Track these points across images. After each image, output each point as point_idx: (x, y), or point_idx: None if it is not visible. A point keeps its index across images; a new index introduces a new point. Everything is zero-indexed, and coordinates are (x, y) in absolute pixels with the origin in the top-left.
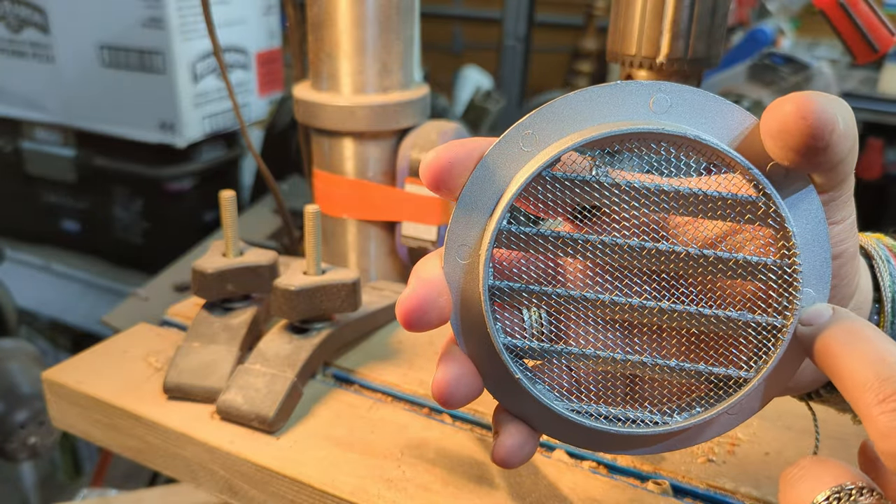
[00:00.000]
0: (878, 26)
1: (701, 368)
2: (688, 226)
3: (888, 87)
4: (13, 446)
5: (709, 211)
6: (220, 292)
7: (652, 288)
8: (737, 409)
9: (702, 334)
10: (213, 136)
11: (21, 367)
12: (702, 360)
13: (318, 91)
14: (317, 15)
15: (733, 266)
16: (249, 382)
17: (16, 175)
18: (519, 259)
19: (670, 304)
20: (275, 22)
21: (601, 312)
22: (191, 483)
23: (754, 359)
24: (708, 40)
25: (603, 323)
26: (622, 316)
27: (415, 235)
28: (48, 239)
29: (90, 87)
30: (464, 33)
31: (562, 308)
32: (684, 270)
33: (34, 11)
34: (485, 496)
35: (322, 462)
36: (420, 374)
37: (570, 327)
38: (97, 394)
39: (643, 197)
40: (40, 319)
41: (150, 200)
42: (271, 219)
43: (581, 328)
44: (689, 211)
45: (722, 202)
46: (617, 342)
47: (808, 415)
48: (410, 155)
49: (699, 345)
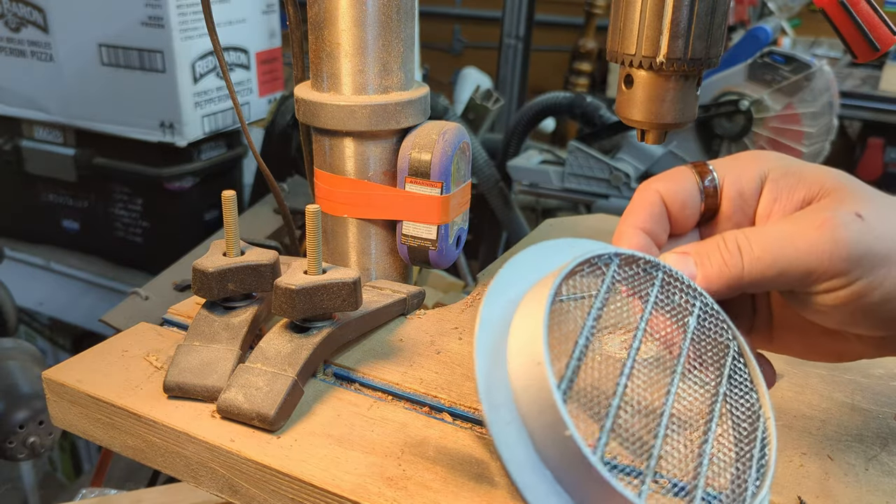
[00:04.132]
0: (879, 25)
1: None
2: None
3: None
4: (13, 446)
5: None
6: (220, 291)
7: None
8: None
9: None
10: (214, 135)
11: (21, 366)
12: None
13: (319, 91)
14: (317, 14)
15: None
16: (250, 381)
17: (16, 174)
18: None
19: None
20: (275, 21)
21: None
22: (191, 482)
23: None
24: (708, 40)
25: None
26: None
27: (415, 234)
28: (48, 238)
29: (90, 85)
30: (464, 33)
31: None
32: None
33: (34, 10)
34: (485, 494)
35: (323, 460)
36: (420, 373)
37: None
38: (97, 393)
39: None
40: (40, 319)
41: (151, 200)
42: (272, 218)
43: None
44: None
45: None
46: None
47: (808, 415)
48: (410, 155)
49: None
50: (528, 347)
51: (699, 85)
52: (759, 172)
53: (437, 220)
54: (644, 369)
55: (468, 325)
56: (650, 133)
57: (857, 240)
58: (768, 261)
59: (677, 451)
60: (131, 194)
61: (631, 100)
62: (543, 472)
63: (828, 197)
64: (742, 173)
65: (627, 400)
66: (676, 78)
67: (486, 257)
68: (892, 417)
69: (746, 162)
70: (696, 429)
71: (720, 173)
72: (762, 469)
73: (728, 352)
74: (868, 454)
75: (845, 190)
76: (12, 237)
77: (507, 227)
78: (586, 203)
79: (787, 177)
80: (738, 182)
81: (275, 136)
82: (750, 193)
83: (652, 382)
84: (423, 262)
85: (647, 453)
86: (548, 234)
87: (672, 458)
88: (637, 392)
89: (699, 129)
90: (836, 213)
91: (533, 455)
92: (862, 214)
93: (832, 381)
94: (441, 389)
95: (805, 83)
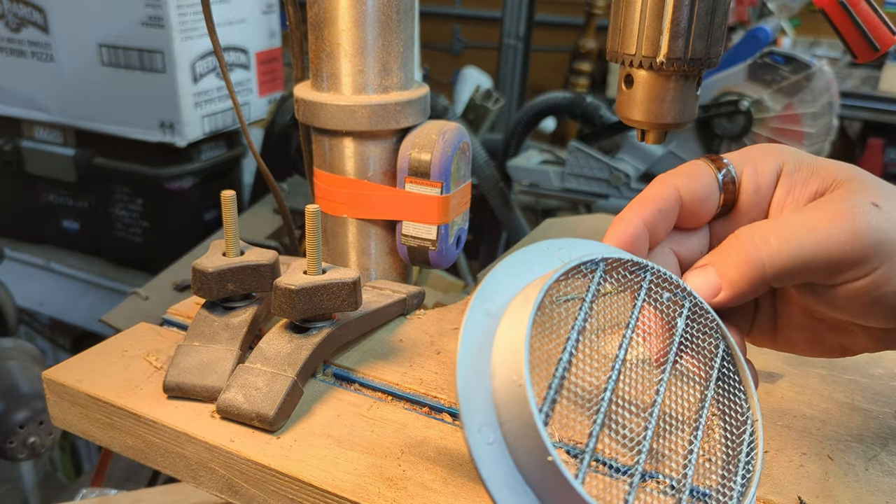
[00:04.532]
0: (879, 25)
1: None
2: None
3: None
4: (13, 446)
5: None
6: (220, 291)
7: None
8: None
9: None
10: (214, 135)
11: (21, 366)
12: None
13: (319, 91)
14: (317, 14)
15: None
16: (250, 381)
17: (16, 174)
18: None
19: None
20: (275, 21)
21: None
22: (191, 482)
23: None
24: (708, 40)
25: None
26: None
27: (415, 235)
28: (48, 238)
29: (90, 86)
30: (464, 33)
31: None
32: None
33: (34, 10)
34: (485, 494)
35: (322, 461)
36: (420, 373)
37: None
38: (97, 393)
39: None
40: (40, 319)
41: (151, 200)
42: (272, 218)
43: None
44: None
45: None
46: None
47: (808, 415)
48: (410, 154)
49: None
50: (509, 366)
51: (699, 85)
52: (775, 165)
53: (436, 220)
54: (631, 375)
55: None
56: (650, 133)
57: (875, 227)
58: (791, 252)
59: (666, 454)
60: (131, 194)
61: (631, 100)
62: (525, 491)
63: (841, 188)
64: (759, 166)
65: (614, 409)
66: (676, 78)
67: (486, 257)
68: (892, 417)
69: (762, 155)
70: (684, 432)
71: (737, 167)
72: (748, 473)
73: (717, 353)
74: (868, 454)
75: (858, 181)
76: (12, 237)
77: (507, 227)
78: (586, 203)
79: (801, 170)
80: (755, 175)
81: (275, 136)
82: (767, 187)
83: (639, 390)
84: (422, 263)
85: (634, 468)
86: (548, 234)
87: (661, 461)
88: (623, 401)
89: (699, 129)
90: (853, 203)
91: (516, 474)
92: (878, 203)
93: (832, 381)
94: (441, 390)
95: (805, 83)
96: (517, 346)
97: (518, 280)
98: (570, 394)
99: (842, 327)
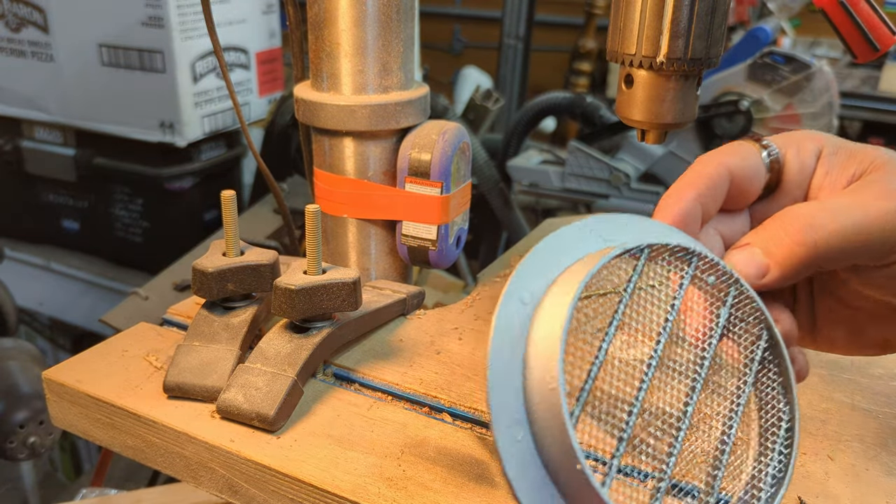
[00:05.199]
0: (879, 25)
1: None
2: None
3: (889, 86)
4: (13, 446)
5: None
6: (220, 291)
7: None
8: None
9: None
10: (214, 135)
11: (21, 366)
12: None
13: (319, 91)
14: (317, 14)
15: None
16: (250, 381)
17: (16, 174)
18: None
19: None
20: (275, 21)
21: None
22: (191, 482)
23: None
24: (708, 40)
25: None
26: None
27: (415, 235)
28: (48, 238)
29: (90, 86)
30: (464, 33)
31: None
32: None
33: (34, 10)
34: (485, 494)
35: (322, 461)
36: (420, 373)
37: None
38: (97, 393)
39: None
40: (40, 319)
41: (151, 200)
42: (272, 218)
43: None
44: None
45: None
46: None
47: (809, 415)
48: (410, 154)
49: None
50: (544, 366)
51: (699, 85)
52: (815, 148)
53: (436, 220)
54: (664, 378)
55: (468, 325)
56: (650, 133)
57: None
58: (844, 232)
59: (694, 457)
60: (131, 194)
61: (631, 100)
62: (552, 493)
63: (880, 170)
64: (801, 147)
65: (645, 417)
66: (676, 78)
67: (486, 257)
68: (893, 417)
69: (803, 137)
70: (716, 430)
71: (780, 148)
72: (780, 474)
73: (759, 343)
74: (868, 454)
75: (895, 162)
76: (12, 237)
77: (507, 227)
78: (586, 203)
79: (839, 153)
80: (799, 155)
81: (274, 136)
82: (809, 168)
83: (672, 395)
84: (422, 262)
85: (661, 475)
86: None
87: (688, 464)
88: (655, 408)
89: (699, 129)
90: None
91: (542, 474)
92: None
93: (832, 381)
94: (441, 389)
95: (805, 83)
96: (552, 346)
97: (555, 266)
98: (603, 395)
99: (884, 316)
